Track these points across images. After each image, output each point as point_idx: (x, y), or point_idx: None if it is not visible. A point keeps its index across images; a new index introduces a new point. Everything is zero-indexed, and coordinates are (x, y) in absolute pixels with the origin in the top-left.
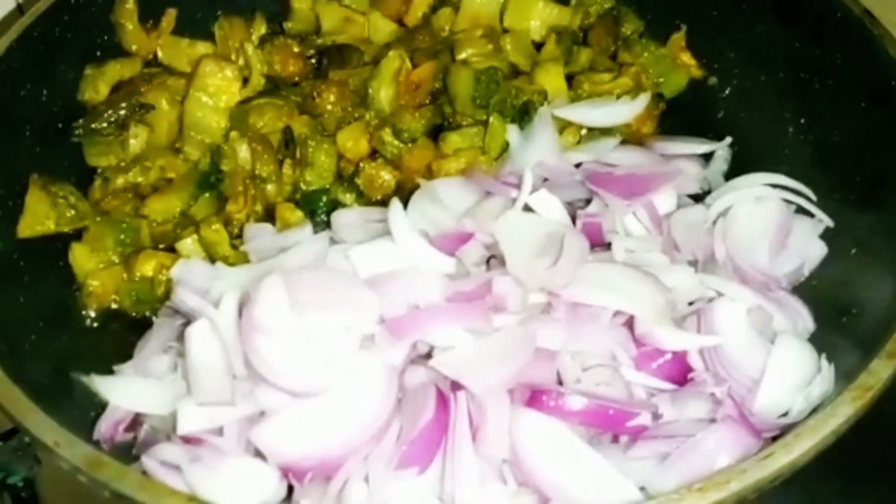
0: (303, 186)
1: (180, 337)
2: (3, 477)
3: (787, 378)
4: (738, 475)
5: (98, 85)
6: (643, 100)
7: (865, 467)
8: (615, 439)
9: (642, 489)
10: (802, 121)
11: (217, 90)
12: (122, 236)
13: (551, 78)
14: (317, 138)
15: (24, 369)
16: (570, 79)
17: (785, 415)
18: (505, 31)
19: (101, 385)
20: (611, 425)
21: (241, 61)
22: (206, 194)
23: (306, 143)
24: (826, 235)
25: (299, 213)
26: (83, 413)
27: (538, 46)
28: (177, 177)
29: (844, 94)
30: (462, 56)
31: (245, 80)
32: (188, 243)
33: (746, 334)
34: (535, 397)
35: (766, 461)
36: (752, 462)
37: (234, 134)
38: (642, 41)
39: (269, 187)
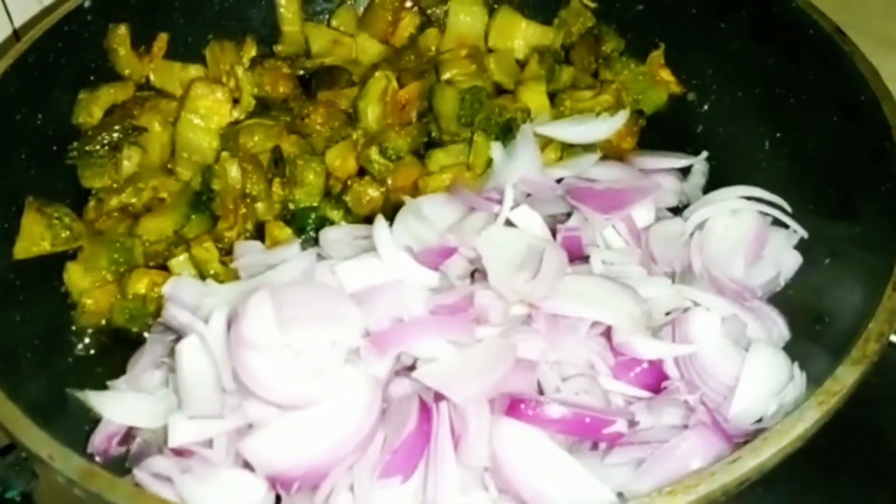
0: (291, 205)
1: (172, 352)
2: (2, 491)
3: (761, 385)
4: (707, 478)
5: (92, 108)
6: (622, 116)
7: (848, 469)
8: (594, 446)
9: (620, 494)
10: (778, 135)
11: (208, 112)
12: (116, 255)
13: (534, 96)
14: (305, 157)
15: (21, 386)
16: (552, 96)
17: (759, 421)
18: (489, 50)
19: (95, 400)
20: (588, 433)
21: (231, 83)
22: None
23: (295, 163)
24: (801, 246)
25: (288, 231)
26: (78, 427)
27: (521, 65)
28: (169, 197)
29: (817, 109)
30: (447, 76)
31: (235, 102)
32: (180, 261)
33: (721, 343)
34: (514, 406)
35: (734, 465)
36: (720, 465)
37: (224, 154)
38: (622, 59)
39: (259, 206)
